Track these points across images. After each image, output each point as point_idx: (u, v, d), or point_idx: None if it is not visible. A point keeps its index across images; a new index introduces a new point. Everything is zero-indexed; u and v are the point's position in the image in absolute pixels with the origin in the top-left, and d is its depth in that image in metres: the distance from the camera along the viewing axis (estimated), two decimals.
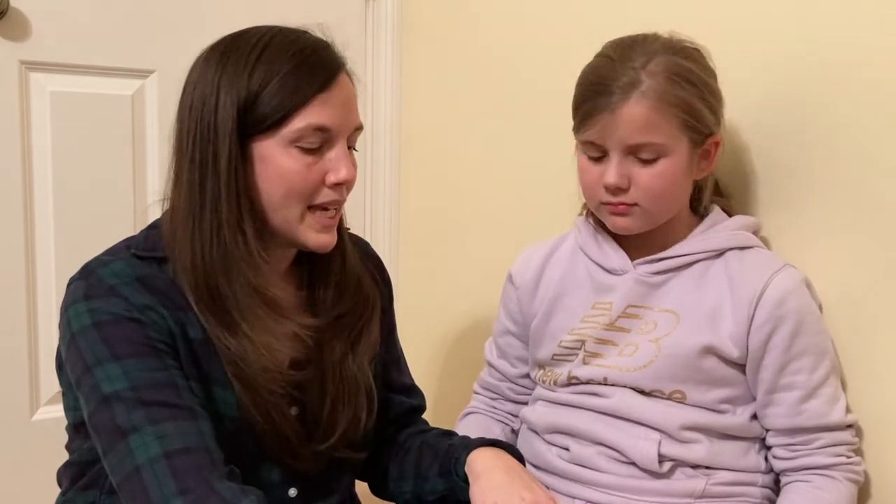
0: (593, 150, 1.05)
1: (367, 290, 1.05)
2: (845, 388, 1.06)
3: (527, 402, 1.24)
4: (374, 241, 1.78)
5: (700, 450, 1.05)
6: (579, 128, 1.05)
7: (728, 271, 1.06)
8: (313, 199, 0.93)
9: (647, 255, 1.10)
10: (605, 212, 1.08)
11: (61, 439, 1.02)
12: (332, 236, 0.96)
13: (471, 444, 1.00)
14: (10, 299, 1.46)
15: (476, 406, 1.30)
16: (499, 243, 1.57)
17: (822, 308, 1.07)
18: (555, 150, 1.20)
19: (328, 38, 0.96)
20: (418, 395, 1.17)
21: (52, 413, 1.46)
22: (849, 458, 1.03)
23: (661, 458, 1.04)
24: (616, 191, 1.04)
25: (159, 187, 1.55)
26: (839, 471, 1.02)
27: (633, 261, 1.11)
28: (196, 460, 0.83)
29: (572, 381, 1.13)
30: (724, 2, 1.18)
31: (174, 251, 0.92)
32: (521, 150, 1.53)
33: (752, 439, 1.08)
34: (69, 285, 0.92)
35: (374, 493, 1.14)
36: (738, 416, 1.06)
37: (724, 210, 1.13)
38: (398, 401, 1.13)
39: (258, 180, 0.91)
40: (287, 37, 0.93)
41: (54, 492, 1.02)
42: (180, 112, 0.93)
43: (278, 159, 0.90)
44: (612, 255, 1.12)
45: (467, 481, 0.97)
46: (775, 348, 1.02)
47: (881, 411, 1.04)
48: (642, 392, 1.07)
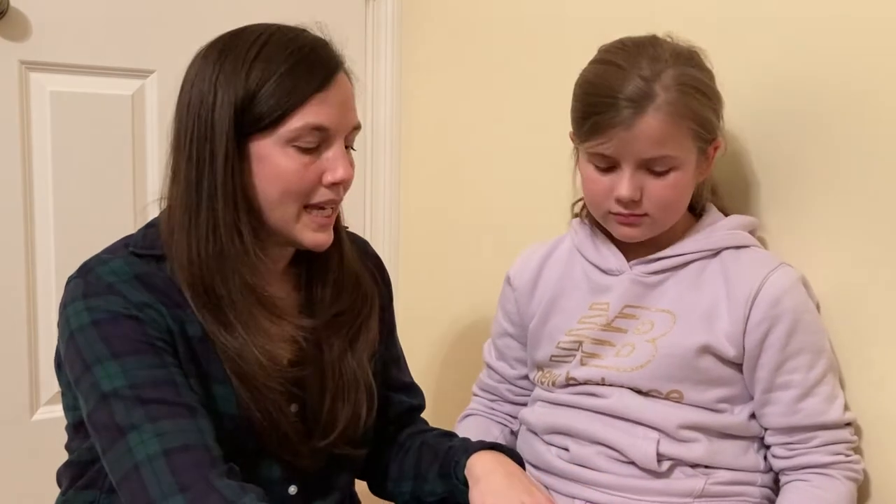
0: (602, 161, 1.04)
1: (365, 287, 1.05)
2: (844, 386, 1.06)
3: (526, 404, 1.24)
4: (373, 242, 1.78)
5: (699, 449, 1.05)
6: (588, 138, 1.03)
7: (724, 271, 1.06)
8: (310, 199, 0.93)
9: (644, 256, 1.10)
10: (612, 221, 1.07)
11: (61, 439, 1.02)
12: (329, 235, 0.97)
13: (471, 448, 1.00)
14: (10, 299, 1.46)
15: (475, 408, 1.30)
16: (499, 244, 1.57)
17: (819, 307, 1.07)
18: (555, 151, 1.20)
19: (326, 36, 0.96)
20: (418, 393, 1.17)
21: (52, 413, 1.46)
22: (847, 456, 1.03)
23: (660, 458, 1.04)
24: (629, 203, 1.03)
25: (159, 187, 1.57)
26: (838, 469, 1.02)
27: (629, 261, 1.11)
28: (195, 458, 0.83)
29: (570, 382, 1.13)
30: (721, 3, 1.18)
31: (171, 248, 0.92)
32: (521, 150, 1.53)
33: (751, 438, 1.08)
34: (68, 284, 0.92)
35: (373, 493, 1.14)
36: (737, 416, 1.06)
37: (719, 209, 1.13)
38: (398, 399, 1.13)
39: (255, 179, 0.91)
40: (285, 35, 0.92)
41: (54, 492, 1.02)
42: (178, 110, 0.93)
43: (275, 158, 0.90)
44: (609, 256, 1.12)
45: (467, 484, 0.97)
46: (771, 347, 1.02)
47: (880, 410, 1.04)
48: (640, 392, 1.07)
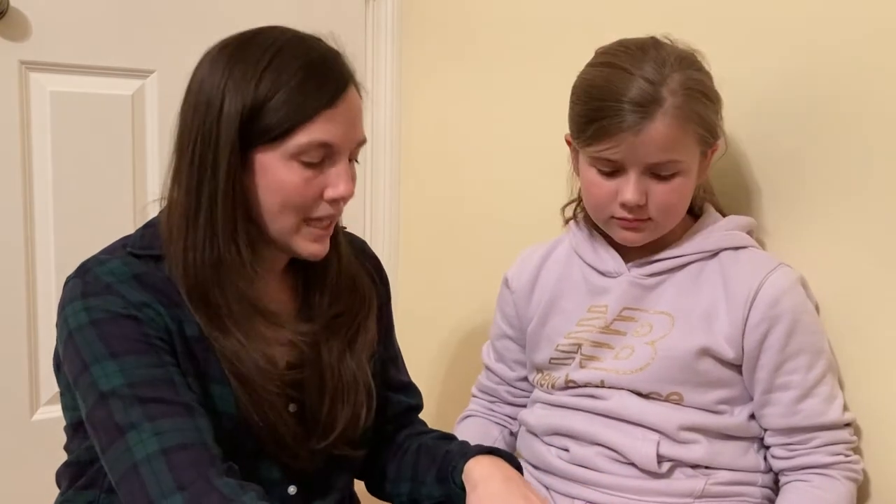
0: (607, 166, 1.03)
1: (363, 288, 1.05)
2: (843, 386, 1.06)
3: (525, 405, 1.24)
4: (373, 242, 1.78)
5: (699, 450, 1.05)
6: (593, 143, 1.02)
7: (722, 272, 1.06)
8: (310, 213, 0.93)
9: (642, 258, 1.10)
10: (615, 226, 1.07)
11: (61, 439, 1.01)
12: (325, 246, 0.96)
13: (468, 452, 1.00)
14: (10, 299, 1.46)
15: (474, 409, 1.30)
16: (499, 244, 1.57)
17: (818, 307, 1.07)
18: (555, 151, 1.20)
19: (339, 47, 0.94)
20: (416, 393, 1.17)
21: (51, 413, 1.46)
22: (847, 456, 1.03)
23: (661, 459, 1.04)
24: (633, 208, 1.03)
25: (159, 187, 1.56)
26: (838, 470, 1.02)
27: (627, 263, 1.10)
28: (194, 456, 0.83)
29: (570, 385, 1.12)
30: (721, 3, 1.18)
31: (169, 250, 0.92)
32: (520, 150, 1.53)
33: (751, 439, 1.07)
34: (66, 284, 0.92)
35: (371, 493, 1.14)
36: (736, 417, 1.06)
37: (715, 207, 1.13)
38: (396, 399, 1.13)
39: (256, 190, 0.91)
40: (297, 45, 0.91)
41: (54, 492, 1.02)
42: (183, 111, 0.92)
43: (278, 172, 0.90)
44: (607, 258, 1.12)
45: (464, 489, 0.97)
46: (771, 348, 1.02)
47: (880, 410, 1.04)
48: (640, 394, 1.07)
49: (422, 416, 1.18)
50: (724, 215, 1.12)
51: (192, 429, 0.85)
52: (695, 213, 1.12)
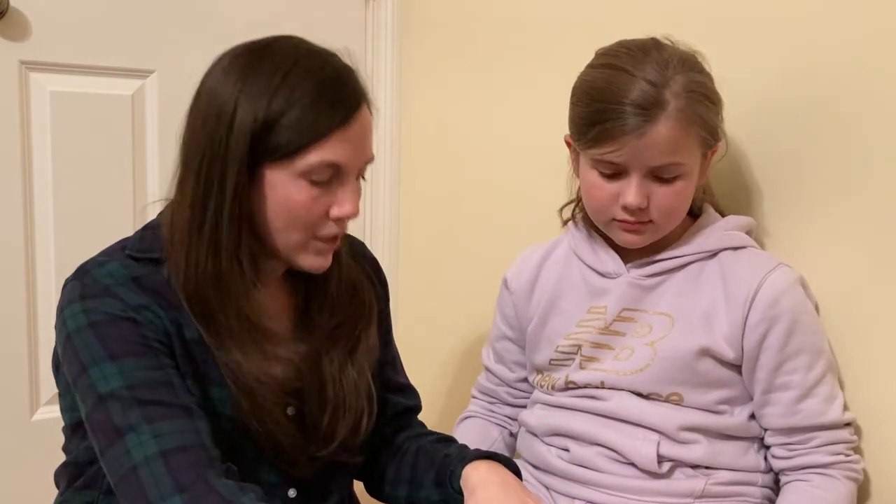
0: (609, 168, 1.03)
1: (364, 296, 1.04)
2: (843, 386, 1.06)
3: (525, 406, 1.24)
4: (373, 243, 1.78)
5: (699, 450, 1.05)
6: (595, 146, 1.02)
7: (722, 272, 1.06)
8: (315, 231, 0.92)
9: (641, 258, 1.09)
10: (616, 228, 1.07)
11: (61, 439, 1.01)
12: (328, 260, 0.96)
13: (467, 457, 1.00)
14: (10, 299, 1.46)
15: (474, 410, 1.30)
16: (499, 245, 1.57)
17: (818, 307, 1.06)
18: (555, 152, 1.20)
19: (353, 63, 0.94)
20: (413, 394, 1.16)
21: (51, 413, 1.45)
22: (847, 456, 1.03)
23: (661, 459, 1.04)
24: (635, 211, 1.03)
25: (159, 187, 1.57)
26: (838, 469, 1.02)
27: (626, 264, 1.10)
28: (193, 458, 0.83)
29: (570, 386, 1.12)
30: (721, 3, 1.18)
31: (171, 258, 0.91)
32: (521, 150, 1.53)
33: (751, 439, 1.07)
34: (64, 286, 0.91)
35: (370, 494, 1.14)
36: (737, 417, 1.06)
37: (713, 207, 1.12)
38: (394, 401, 1.12)
39: (262, 206, 0.90)
40: (312, 61, 0.90)
41: (54, 492, 1.02)
42: (192, 118, 0.91)
43: (286, 189, 0.89)
44: (606, 259, 1.12)
45: (462, 493, 0.97)
46: (770, 348, 1.02)
47: (880, 410, 1.04)
48: (640, 395, 1.07)
49: (422, 416, 1.18)
50: (723, 215, 1.12)
51: (190, 430, 0.85)
52: (694, 214, 1.12)
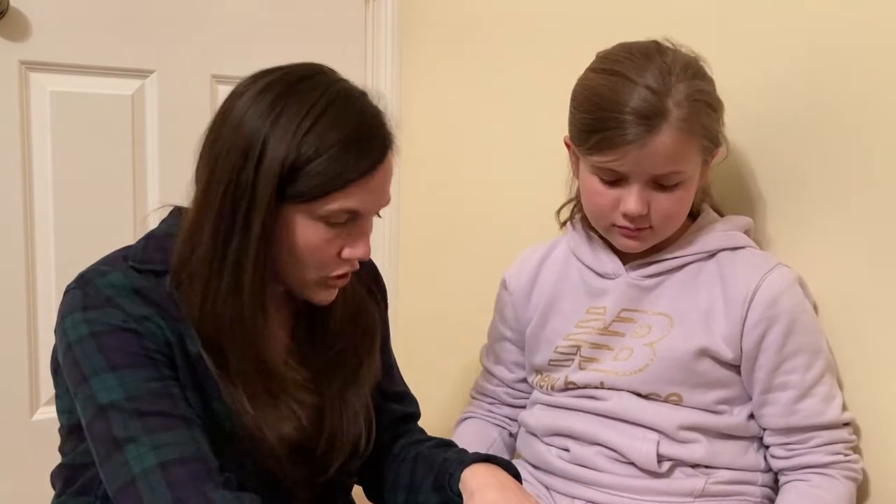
0: (609, 175, 1.03)
1: (367, 320, 1.04)
2: (842, 386, 1.06)
3: (524, 406, 1.24)
4: (373, 244, 1.78)
5: (699, 449, 1.05)
6: (596, 153, 1.01)
7: (720, 272, 1.06)
8: (326, 271, 0.92)
9: (640, 259, 1.09)
10: (615, 233, 1.07)
11: (59, 440, 1.01)
12: (335, 293, 0.96)
13: (465, 460, 0.99)
14: (10, 299, 1.46)
15: (473, 411, 1.30)
16: (499, 246, 1.57)
17: (817, 307, 1.07)
18: (555, 153, 1.20)
19: (382, 105, 0.94)
20: (412, 401, 1.16)
21: (51, 413, 1.44)
22: (846, 456, 1.03)
23: (661, 458, 1.04)
24: (636, 217, 1.03)
25: (159, 188, 1.57)
26: (837, 469, 1.02)
27: (625, 265, 1.10)
28: (191, 470, 0.82)
29: (569, 386, 1.12)
30: (723, 6, 1.18)
31: (183, 287, 0.90)
32: (521, 151, 1.53)
33: (751, 438, 1.08)
34: (66, 293, 0.91)
35: (369, 500, 1.14)
36: (736, 416, 1.06)
37: (712, 207, 1.13)
38: (392, 408, 1.11)
39: (276, 242, 0.89)
40: (343, 104, 0.89)
41: (52, 492, 1.02)
42: (214, 139, 0.89)
43: (302, 229, 0.89)
44: (605, 260, 1.12)
45: (461, 497, 0.97)
46: (769, 348, 1.02)
47: (879, 409, 1.04)
48: (639, 395, 1.07)
49: (421, 416, 1.18)
50: (721, 215, 1.12)
51: (190, 442, 0.84)
52: (692, 214, 1.12)
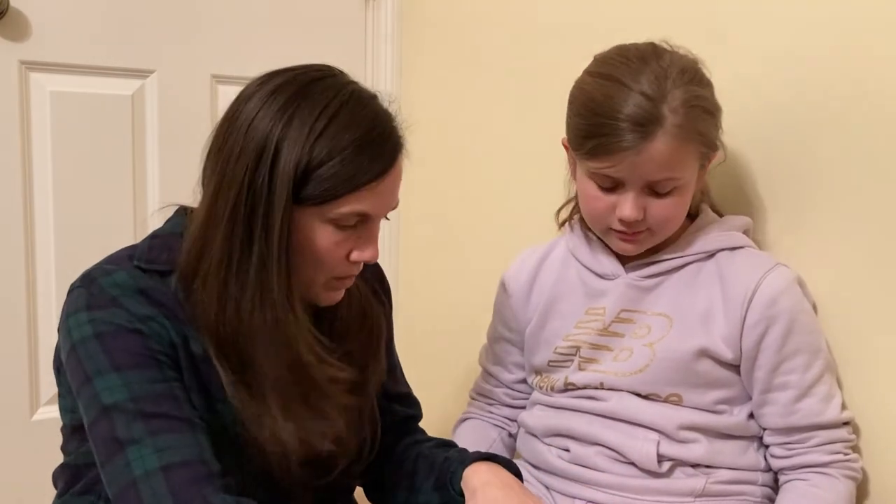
0: (606, 181, 1.03)
1: (373, 322, 1.04)
2: (841, 385, 1.06)
3: (523, 407, 1.24)
4: None
5: (699, 449, 1.05)
6: (592, 159, 1.01)
7: (720, 272, 1.06)
8: (333, 273, 0.92)
9: (639, 260, 1.09)
10: (612, 237, 1.07)
11: (61, 439, 1.01)
12: (341, 294, 0.96)
13: (467, 459, 0.99)
14: (10, 299, 1.46)
15: (472, 411, 1.30)
16: (499, 246, 1.57)
17: (816, 306, 1.07)
18: (555, 154, 1.20)
19: (393, 109, 0.94)
20: (414, 403, 1.16)
21: (51, 413, 1.45)
22: (846, 455, 1.03)
23: (661, 458, 1.04)
24: (632, 222, 1.03)
25: (159, 188, 1.57)
26: (837, 468, 1.02)
27: (624, 265, 1.11)
28: (192, 473, 0.82)
29: (569, 387, 1.12)
30: (723, 6, 1.18)
31: (194, 294, 0.89)
32: (521, 152, 1.53)
33: (751, 438, 1.08)
34: (70, 292, 0.90)
35: (370, 500, 1.14)
36: (736, 416, 1.06)
37: (711, 207, 1.13)
38: (394, 410, 1.11)
39: (288, 245, 0.89)
40: (356, 107, 0.89)
41: (53, 492, 1.02)
42: (224, 139, 0.88)
43: (311, 231, 0.89)
44: (604, 260, 1.12)
45: (463, 496, 0.97)
46: (768, 348, 1.02)
47: (879, 409, 1.04)
48: (639, 395, 1.07)
49: (422, 416, 1.18)
50: (720, 215, 1.12)
51: (192, 445, 0.84)
52: (691, 215, 1.12)
